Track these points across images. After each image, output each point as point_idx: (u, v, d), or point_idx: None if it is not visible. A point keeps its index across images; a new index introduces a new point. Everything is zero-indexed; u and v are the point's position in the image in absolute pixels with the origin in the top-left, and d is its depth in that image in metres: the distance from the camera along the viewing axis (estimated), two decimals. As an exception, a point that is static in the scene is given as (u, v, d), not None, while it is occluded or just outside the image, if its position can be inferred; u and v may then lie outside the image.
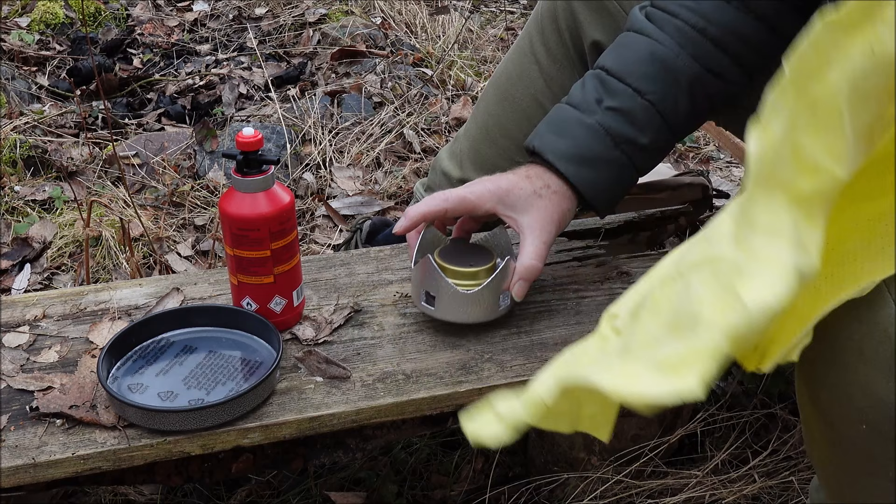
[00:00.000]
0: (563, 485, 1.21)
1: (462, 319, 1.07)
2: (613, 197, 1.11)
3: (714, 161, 2.22)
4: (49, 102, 2.36)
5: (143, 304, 1.15)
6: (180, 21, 2.93)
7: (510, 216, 1.06)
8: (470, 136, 1.38)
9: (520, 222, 1.06)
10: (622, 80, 1.05)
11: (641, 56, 1.05)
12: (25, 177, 1.98)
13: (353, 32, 2.67)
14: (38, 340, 1.08)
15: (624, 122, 1.05)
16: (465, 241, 1.14)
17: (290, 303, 1.08)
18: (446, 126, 2.22)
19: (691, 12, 1.04)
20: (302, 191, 2.00)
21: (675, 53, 1.04)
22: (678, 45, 1.04)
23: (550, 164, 1.06)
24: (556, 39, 1.26)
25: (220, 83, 2.48)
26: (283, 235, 1.03)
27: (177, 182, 1.98)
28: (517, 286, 1.05)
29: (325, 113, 2.21)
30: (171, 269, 1.70)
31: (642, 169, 1.10)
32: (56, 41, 2.70)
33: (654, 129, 1.06)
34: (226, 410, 0.94)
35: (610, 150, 1.06)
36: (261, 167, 1.02)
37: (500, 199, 1.06)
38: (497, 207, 1.06)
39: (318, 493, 1.26)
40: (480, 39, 2.74)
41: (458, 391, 1.02)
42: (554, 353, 1.06)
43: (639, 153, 1.07)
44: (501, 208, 1.06)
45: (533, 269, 1.05)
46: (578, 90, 1.09)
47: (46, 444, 0.93)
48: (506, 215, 1.06)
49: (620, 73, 1.06)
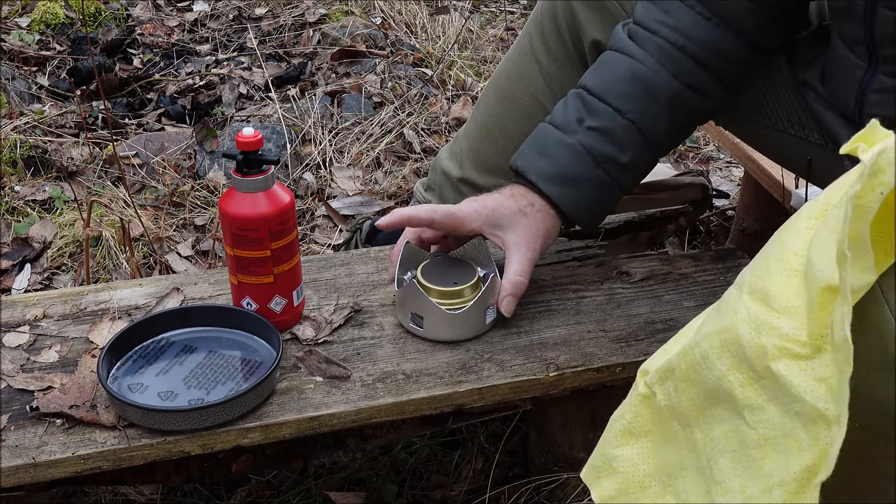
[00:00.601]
0: (563, 485, 1.21)
1: (450, 338, 1.08)
2: (596, 215, 1.14)
3: (714, 161, 2.22)
4: (49, 102, 2.36)
5: (143, 304, 1.15)
6: (180, 21, 2.93)
7: (496, 234, 1.08)
8: (470, 136, 1.39)
9: (505, 240, 1.08)
10: (602, 100, 1.08)
11: (621, 75, 1.07)
12: (25, 177, 1.98)
13: (353, 32, 2.67)
14: (38, 340, 1.08)
15: (605, 142, 1.07)
16: (445, 255, 1.15)
17: (290, 303, 1.08)
18: (446, 126, 2.22)
19: (671, 30, 1.06)
20: (302, 191, 2.00)
21: (654, 71, 1.06)
22: (658, 63, 1.06)
23: (533, 184, 1.08)
24: (555, 39, 1.26)
25: (220, 83, 2.48)
26: (283, 235, 1.03)
27: (177, 182, 1.98)
28: (505, 302, 1.07)
29: (325, 113, 2.21)
30: (171, 269, 1.70)
31: (625, 187, 1.12)
32: (56, 41, 2.70)
33: (634, 147, 1.08)
34: (226, 410, 0.94)
35: (591, 169, 1.08)
36: (261, 167, 1.02)
37: (486, 218, 1.08)
38: (483, 227, 1.08)
39: (318, 493, 1.26)
40: (480, 39, 2.74)
41: (457, 391, 1.02)
42: (554, 353, 1.07)
43: (620, 171, 1.09)
44: (487, 227, 1.08)
45: (519, 284, 1.07)
46: (561, 109, 1.11)
47: (46, 443, 0.93)
48: (491, 234, 1.08)
49: (601, 93, 1.08)
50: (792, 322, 0.67)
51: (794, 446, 0.67)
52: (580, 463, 0.83)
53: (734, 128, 1.30)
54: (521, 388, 1.04)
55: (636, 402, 0.80)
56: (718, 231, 1.90)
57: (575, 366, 1.05)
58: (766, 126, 1.19)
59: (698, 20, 1.05)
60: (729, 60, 1.07)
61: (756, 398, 0.69)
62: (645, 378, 0.79)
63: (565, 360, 1.06)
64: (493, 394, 1.03)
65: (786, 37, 1.11)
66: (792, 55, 1.13)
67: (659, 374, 0.78)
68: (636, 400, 0.80)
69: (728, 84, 1.09)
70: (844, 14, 0.97)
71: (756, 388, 0.69)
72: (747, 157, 1.54)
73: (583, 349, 1.08)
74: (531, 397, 1.07)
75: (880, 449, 0.74)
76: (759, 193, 1.62)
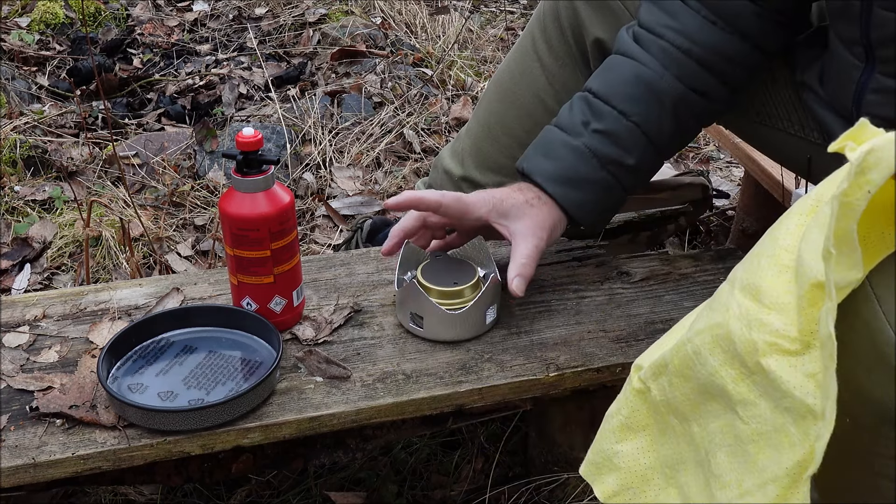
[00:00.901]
0: (563, 485, 1.21)
1: (451, 338, 1.08)
2: (601, 217, 1.14)
3: (714, 161, 2.22)
4: (49, 102, 2.36)
5: (143, 304, 1.14)
6: (180, 21, 2.93)
7: (502, 223, 1.07)
8: (472, 135, 1.39)
9: (512, 229, 1.07)
10: (607, 103, 1.08)
11: (626, 78, 1.08)
12: (25, 177, 1.98)
13: (353, 32, 2.67)
14: (38, 340, 1.08)
15: (610, 144, 1.07)
16: (445, 255, 1.14)
17: (290, 303, 1.08)
18: (446, 126, 2.22)
19: (676, 33, 1.06)
20: (302, 191, 2.00)
21: (659, 75, 1.06)
22: (662, 66, 1.07)
23: (539, 185, 1.09)
24: (558, 37, 1.26)
25: (220, 83, 2.48)
26: (283, 235, 1.03)
27: (177, 182, 1.98)
28: (515, 282, 1.04)
29: (325, 113, 2.21)
30: (171, 269, 1.70)
31: (630, 189, 1.12)
32: (56, 41, 2.70)
33: (639, 149, 1.08)
34: (226, 410, 0.94)
35: (596, 171, 1.08)
36: (261, 167, 1.02)
37: (494, 206, 1.07)
38: (490, 214, 1.07)
39: (318, 493, 1.26)
40: (480, 39, 2.74)
41: (457, 391, 1.02)
42: (554, 353, 1.07)
43: (625, 173, 1.09)
44: (494, 216, 1.07)
45: (527, 266, 1.05)
46: (567, 113, 1.11)
47: (46, 444, 0.93)
48: (498, 223, 1.08)
49: (606, 96, 1.08)
50: (782, 318, 0.67)
51: (785, 441, 0.67)
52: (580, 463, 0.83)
53: (735, 127, 1.30)
54: (521, 389, 1.04)
55: (632, 397, 0.81)
56: (718, 231, 1.90)
57: (575, 366, 1.05)
58: (766, 125, 1.19)
59: (703, 24, 1.06)
60: (733, 63, 1.07)
61: (748, 394, 0.69)
62: (639, 373, 0.80)
63: (565, 361, 1.06)
64: (493, 394, 1.03)
65: (789, 38, 1.11)
66: (791, 57, 1.13)
67: (653, 370, 0.78)
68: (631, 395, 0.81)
69: (733, 87, 1.10)
70: (841, 15, 0.97)
71: (748, 384, 0.69)
72: (747, 157, 1.54)
73: (583, 349, 1.08)
74: (531, 397, 1.07)
75: (879, 449, 0.74)
76: (759, 193, 1.62)
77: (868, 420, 0.72)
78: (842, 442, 0.76)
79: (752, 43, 1.07)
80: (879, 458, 0.75)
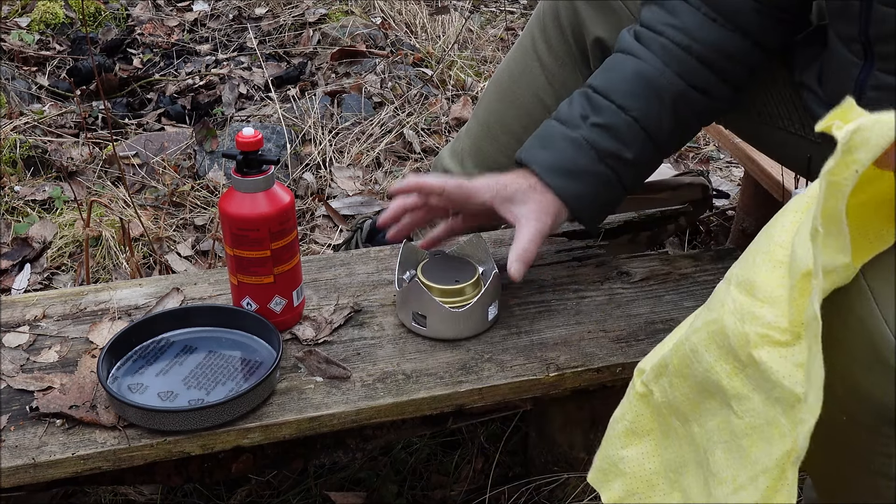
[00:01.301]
0: (563, 485, 1.21)
1: (454, 336, 1.08)
2: (599, 211, 1.14)
3: (714, 161, 2.22)
4: (49, 102, 2.36)
5: (143, 304, 1.14)
6: (180, 21, 2.93)
7: (506, 208, 1.07)
8: (472, 134, 1.39)
9: (516, 213, 1.07)
10: (607, 97, 1.08)
11: (626, 75, 1.08)
12: (25, 177, 1.98)
13: (353, 32, 2.67)
14: (38, 340, 1.08)
15: (608, 137, 1.07)
16: (444, 254, 1.14)
17: (290, 303, 1.08)
18: (446, 126, 2.22)
19: (676, 30, 1.06)
20: (302, 191, 2.00)
21: (659, 71, 1.07)
22: (663, 63, 1.07)
23: (537, 174, 1.09)
24: (558, 37, 1.27)
25: (220, 83, 2.48)
26: (283, 235, 1.03)
27: (177, 182, 1.98)
28: (514, 267, 1.04)
29: (325, 113, 2.21)
30: (171, 269, 1.70)
31: (628, 185, 1.12)
32: (56, 41, 2.70)
33: (638, 144, 1.08)
34: (226, 410, 0.94)
35: (594, 163, 1.08)
36: (261, 167, 1.02)
37: (498, 191, 1.07)
38: (495, 199, 1.07)
39: (318, 493, 1.26)
40: (480, 39, 2.74)
41: (457, 391, 1.02)
42: (554, 353, 1.07)
43: (624, 168, 1.09)
44: (499, 200, 1.07)
45: (529, 251, 1.05)
46: (566, 107, 1.11)
47: (46, 444, 0.93)
48: (502, 207, 1.08)
49: (606, 91, 1.09)
50: (774, 310, 0.67)
51: (776, 433, 0.67)
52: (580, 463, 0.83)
53: (735, 126, 1.30)
54: (521, 389, 1.04)
55: (635, 402, 0.81)
56: (718, 231, 1.90)
57: (575, 366, 1.05)
58: (766, 124, 1.19)
59: (703, 21, 1.06)
60: (734, 61, 1.07)
61: (742, 388, 0.70)
62: (641, 377, 0.80)
63: (565, 361, 1.06)
64: (493, 394, 1.03)
65: (789, 36, 1.11)
66: (790, 57, 1.13)
67: (654, 372, 0.78)
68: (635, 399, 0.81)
69: (733, 85, 1.09)
70: (840, 12, 0.98)
71: (741, 378, 0.69)
72: (747, 157, 1.54)
73: (583, 349, 1.08)
74: (531, 397, 1.07)
75: (878, 447, 0.74)
76: (759, 193, 1.62)
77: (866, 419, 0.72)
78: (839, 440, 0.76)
79: (752, 40, 1.07)
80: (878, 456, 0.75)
